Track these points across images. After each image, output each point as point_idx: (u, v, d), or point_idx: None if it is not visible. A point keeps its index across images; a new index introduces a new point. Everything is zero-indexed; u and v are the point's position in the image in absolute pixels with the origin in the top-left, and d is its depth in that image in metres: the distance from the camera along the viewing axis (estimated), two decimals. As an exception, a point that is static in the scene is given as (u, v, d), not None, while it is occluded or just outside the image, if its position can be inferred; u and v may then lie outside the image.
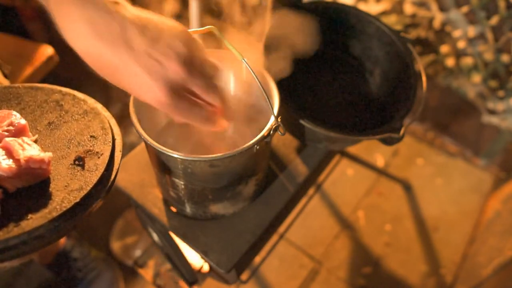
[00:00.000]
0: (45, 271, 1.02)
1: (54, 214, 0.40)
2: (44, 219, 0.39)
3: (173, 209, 0.72)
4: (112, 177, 0.46)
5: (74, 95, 0.52)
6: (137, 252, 1.17)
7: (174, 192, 0.65)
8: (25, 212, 0.40)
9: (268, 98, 0.52)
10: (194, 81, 0.43)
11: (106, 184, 0.45)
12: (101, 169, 0.44)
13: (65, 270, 1.02)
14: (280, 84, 0.64)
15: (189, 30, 0.53)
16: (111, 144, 0.47)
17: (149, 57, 0.40)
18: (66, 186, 0.43)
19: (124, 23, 0.39)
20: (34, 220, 0.39)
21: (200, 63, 0.44)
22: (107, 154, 0.46)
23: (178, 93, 0.42)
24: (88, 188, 0.42)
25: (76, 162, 0.45)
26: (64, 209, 0.40)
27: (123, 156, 0.78)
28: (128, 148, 1.37)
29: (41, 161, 0.42)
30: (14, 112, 0.46)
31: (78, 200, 0.41)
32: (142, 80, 0.40)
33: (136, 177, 0.75)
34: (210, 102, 0.46)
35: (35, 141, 0.47)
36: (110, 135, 0.48)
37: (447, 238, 1.29)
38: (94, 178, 0.44)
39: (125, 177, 0.75)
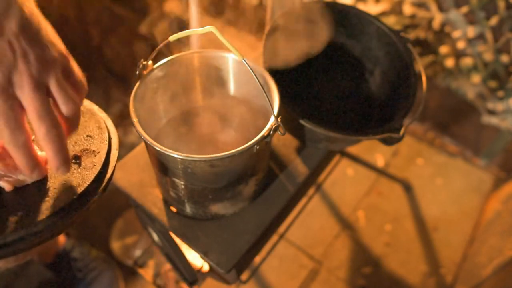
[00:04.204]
0: (45, 271, 1.02)
1: (52, 210, 0.40)
2: (42, 215, 0.40)
3: (173, 209, 0.72)
4: (109, 174, 0.46)
5: None
6: (137, 252, 1.17)
7: (174, 192, 0.65)
8: (23, 209, 0.40)
9: (268, 98, 0.52)
10: (40, 99, 0.36)
11: (102, 181, 0.45)
12: (98, 167, 0.45)
13: (65, 270, 1.02)
14: (280, 84, 0.64)
15: (189, 31, 0.53)
16: (107, 142, 0.48)
17: (8, 45, 0.34)
18: (63, 183, 0.43)
19: (14, 7, 0.34)
20: (32, 217, 0.39)
21: (61, 88, 0.38)
22: (103, 152, 0.47)
23: (8, 98, 0.35)
24: (85, 185, 0.43)
25: (73, 161, 0.46)
26: (62, 205, 0.41)
27: (123, 156, 0.78)
28: (128, 148, 1.37)
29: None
30: None
31: (75, 196, 0.42)
32: None
33: (135, 177, 0.75)
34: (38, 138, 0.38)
35: (32, 142, 0.47)
36: (106, 134, 0.49)
37: (447, 238, 1.29)
38: (91, 175, 0.44)
39: (125, 177, 0.75)
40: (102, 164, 0.46)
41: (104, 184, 0.45)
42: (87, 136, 0.49)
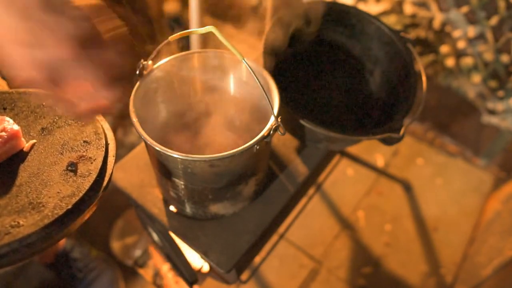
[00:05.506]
0: (45, 271, 1.02)
1: (46, 221, 0.39)
2: (36, 226, 0.38)
3: (173, 209, 0.72)
4: (105, 182, 0.45)
5: None
6: (137, 252, 1.17)
7: (174, 192, 0.65)
8: (16, 219, 0.39)
9: (268, 98, 0.52)
10: (84, 72, 0.36)
11: (98, 189, 0.44)
12: (94, 175, 0.44)
13: (65, 270, 1.02)
14: (280, 84, 0.64)
15: (189, 31, 0.53)
16: (104, 149, 0.47)
17: (38, 29, 0.33)
18: (58, 192, 0.42)
19: None
20: (25, 228, 0.38)
21: (106, 48, 0.37)
22: (100, 159, 0.46)
23: (57, 77, 0.35)
24: (81, 195, 0.42)
25: (69, 168, 0.44)
26: (56, 216, 0.39)
27: (123, 156, 0.78)
28: (128, 148, 1.37)
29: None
30: (7, 118, 0.46)
31: (70, 207, 0.40)
32: (18, 51, 0.34)
33: (135, 177, 0.75)
34: (97, 96, 0.38)
35: (32, 147, 0.46)
36: (103, 140, 0.48)
37: (447, 238, 1.29)
38: (86, 184, 0.43)
39: (125, 177, 0.75)
40: (98, 171, 0.44)
41: (99, 193, 0.44)
42: (84, 141, 0.47)
